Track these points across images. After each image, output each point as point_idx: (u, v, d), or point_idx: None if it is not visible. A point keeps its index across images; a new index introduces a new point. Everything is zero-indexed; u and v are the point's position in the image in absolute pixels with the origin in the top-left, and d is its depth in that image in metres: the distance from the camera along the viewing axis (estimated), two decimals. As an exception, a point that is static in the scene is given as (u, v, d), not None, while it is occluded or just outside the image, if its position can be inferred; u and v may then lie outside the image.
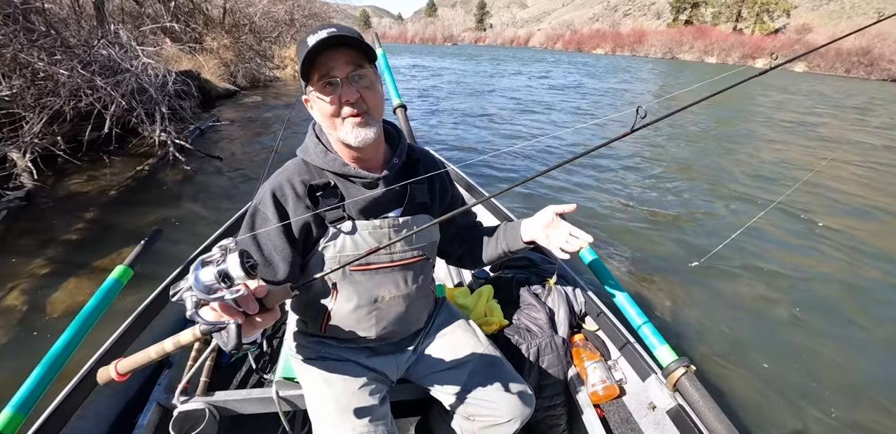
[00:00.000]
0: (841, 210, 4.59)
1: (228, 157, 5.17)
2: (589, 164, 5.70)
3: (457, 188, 1.16)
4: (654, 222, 4.06)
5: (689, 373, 1.03)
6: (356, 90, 0.83)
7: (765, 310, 2.82)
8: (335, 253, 0.93)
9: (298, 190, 0.91)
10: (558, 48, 71.82)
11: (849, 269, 3.41)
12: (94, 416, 1.10)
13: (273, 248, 0.90)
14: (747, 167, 5.99)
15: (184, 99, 5.73)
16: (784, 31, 54.83)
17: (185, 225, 3.43)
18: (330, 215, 0.91)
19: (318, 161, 0.92)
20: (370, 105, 0.85)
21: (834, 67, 37.11)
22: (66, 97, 4.28)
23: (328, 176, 0.93)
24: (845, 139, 8.47)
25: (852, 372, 2.32)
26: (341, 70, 0.81)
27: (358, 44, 0.80)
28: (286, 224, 0.90)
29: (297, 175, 0.92)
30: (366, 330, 1.01)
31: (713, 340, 2.48)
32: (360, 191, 0.94)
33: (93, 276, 2.64)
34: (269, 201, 0.90)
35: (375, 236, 0.94)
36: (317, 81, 0.82)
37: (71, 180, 4.14)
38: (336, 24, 0.83)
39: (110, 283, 1.26)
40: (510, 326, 1.37)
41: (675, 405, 1.06)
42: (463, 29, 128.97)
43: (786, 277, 3.22)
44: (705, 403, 0.98)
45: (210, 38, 10.08)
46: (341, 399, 0.97)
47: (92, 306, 1.18)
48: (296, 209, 0.90)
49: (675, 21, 71.29)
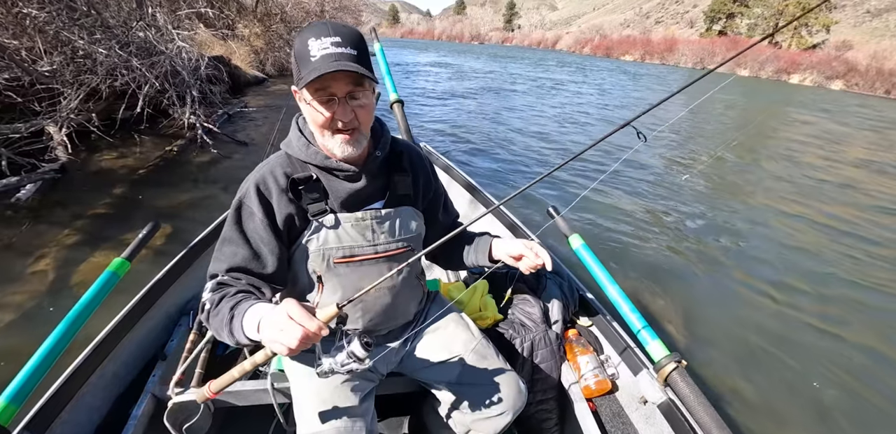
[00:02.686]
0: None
1: (253, 142, 5.30)
2: (587, 167, 5.75)
3: (441, 184, 1.16)
4: (648, 221, 4.13)
5: (680, 368, 1.06)
6: (351, 110, 0.84)
7: (756, 306, 2.90)
8: (319, 246, 0.94)
9: (281, 183, 0.91)
10: (586, 52, 70.97)
11: (853, 267, 3.52)
12: (87, 408, 1.10)
13: (260, 240, 0.91)
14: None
15: (214, 84, 5.88)
16: (822, 47, 53.32)
17: (203, 206, 3.53)
18: (312, 209, 0.92)
19: (300, 154, 0.93)
20: (361, 121, 0.87)
21: (874, 87, 35.94)
22: (102, 75, 4.45)
23: (311, 169, 0.94)
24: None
25: (842, 365, 2.39)
26: (340, 89, 0.81)
27: (359, 62, 0.79)
28: (271, 217, 0.91)
29: (280, 168, 0.93)
30: (352, 322, 1.02)
31: (705, 336, 2.54)
32: (342, 184, 0.94)
33: (117, 248, 2.76)
34: (253, 195, 0.90)
35: (358, 229, 0.95)
36: (314, 90, 0.81)
37: (102, 156, 4.31)
38: (339, 28, 0.81)
39: (107, 276, 1.25)
40: (504, 321, 1.38)
41: (666, 399, 1.09)
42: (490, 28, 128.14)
43: (778, 274, 3.32)
44: (696, 398, 1.00)
45: (242, 26, 10.28)
46: (322, 393, 0.97)
47: (88, 299, 1.17)
48: (279, 202, 0.91)
49: (708, 31, 69.84)
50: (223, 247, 0.92)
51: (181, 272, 1.50)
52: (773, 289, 3.11)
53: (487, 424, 1.05)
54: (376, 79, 0.84)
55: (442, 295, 1.31)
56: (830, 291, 3.16)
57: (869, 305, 3.03)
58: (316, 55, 0.78)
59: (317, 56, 0.78)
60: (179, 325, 1.44)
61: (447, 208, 1.19)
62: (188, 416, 1.11)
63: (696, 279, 3.17)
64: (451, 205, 1.21)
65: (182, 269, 1.50)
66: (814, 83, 39.86)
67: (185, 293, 1.54)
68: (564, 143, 7.14)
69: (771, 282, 3.20)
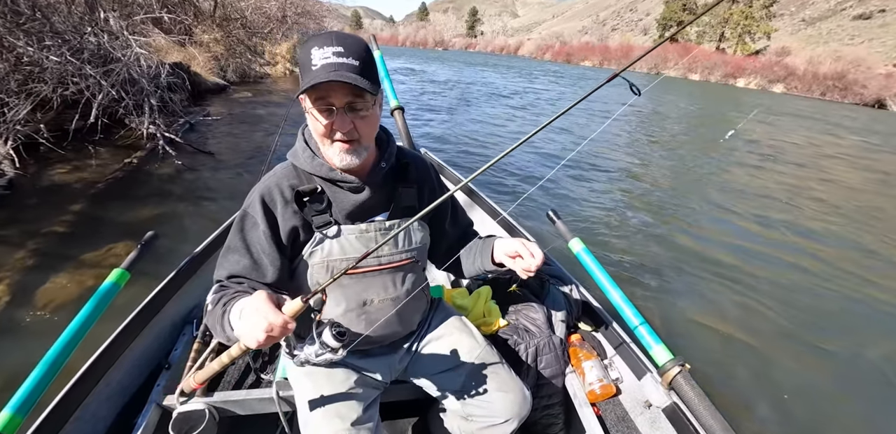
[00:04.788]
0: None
1: (219, 152, 5.10)
2: (581, 164, 5.87)
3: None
4: (650, 223, 4.21)
5: (684, 371, 1.07)
6: (350, 121, 0.83)
7: (760, 310, 2.92)
8: (323, 258, 0.94)
9: (286, 195, 0.92)
10: (547, 58, 72.81)
11: (859, 281, 3.53)
12: (92, 418, 1.10)
13: (262, 251, 0.92)
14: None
15: (174, 91, 5.64)
16: (765, 53, 56.81)
17: (175, 220, 3.37)
18: (317, 220, 0.92)
19: (306, 165, 0.93)
20: (362, 133, 0.86)
21: (811, 90, 38.57)
22: (53, 84, 4.17)
23: (315, 180, 0.94)
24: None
25: (848, 369, 2.42)
26: (339, 100, 0.81)
27: (361, 73, 0.79)
28: (274, 229, 0.91)
29: (286, 180, 0.93)
30: (357, 333, 1.01)
31: (709, 339, 2.55)
32: (346, 195, 0.95)
33: (80, 268, 2.58)
34: (258, 206, 0.91)
35: (362, 240, 0.95)
36: (314, 100, 0.81)
37: (55, 170, 4.02)
38: (343, 38, 0.80)
39: (108, 287, 1.26)
40: (508, 327, 1.38)
41: (671, 403, 1.09)
42: (454, 34, 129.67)
43: (783, 277, 3.36)
44: (700, 401, 1.01)
45: (200, 31, 9.94)
46: (327, 401, 0.97)
47: (89, 309, 1.18)
48: (284, 214, 0.91)
49: (660, 37, 73.15)
50: (227, 254, 0.93)
51: (184, 281, 1.51)
52: (779, 292, 3.11)
53: (493, 431, 1.05)
54: (375, 91, 0.81)
55: (445, 302, 1.30)
56: (842, 292, 3.14)
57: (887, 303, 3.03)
58: (317, 64, 0.77)
59: (318, 65, 0.77)
60: (183, 334, 1.45)
61: (456, 219, 1.17)
62: (193, 426, 1.11)
63: (700, 282, 3.17)
64: (461, 215, 1.20)
65: (185, 278, 1.52)
66: (758, 86, 42.41)
67: (189, 302, 1.55)
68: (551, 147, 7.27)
69: (779, 286, 3.20)
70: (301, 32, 14.25)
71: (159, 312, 1.38)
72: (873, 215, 5.28)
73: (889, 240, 4.47)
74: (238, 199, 3.72)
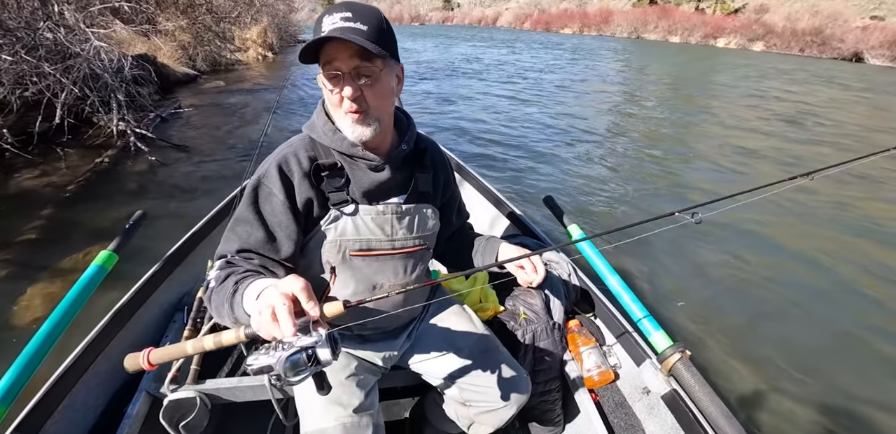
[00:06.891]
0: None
1: (194, 145, 4.94)
2: (579, 153, 5.79)
3: (457, 186, 1.15)
4: (648, 209, 4.11)
5: (684, 358, 1.05)
6: (357, 88, 0.78)
7: (763, 296, 2.84)
8: (336, 236, 0.90)
9: (304, 165, 0.88)
10: (526, 28, 71.14)
11: (860, 268, 3.33)
12: (81, 407, 1.08)
13: (277, 224, 0.87)
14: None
15: (142, 85, 5.42)
16: (743, 11, 56.03)
17: (153, 218, 3.27)
18: (334, 198, 0.89)
19: (325, 139, 0.89)
20: (371, 103, 0.81)
21: (790, 46, 38.27)
22: (10, 85, 3.96)
23: (334, 155, 0.90)
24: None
25: (849, 356, 2.37)
26: (345, 63, 0.77)
27: (369, 38, 0.75)
28: (291, 198, 0.86)
29: (304, 151, 0.89)
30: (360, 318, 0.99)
31: (709, 325, 2.51)
32: (366, 173, 0.91)
33: (54, 276, 2.50)
34: (274, 175, 0.86)
35: (378, 222, 0.93)
36: (323, 65, 0.78)
37: (22, 175, 3.86)
38: (355, 6, 0.76)
39: (94, 270, 1.21)
40: (506, 312, 1.37)
41: (670, 390, 1.08)
42: (430, 8, 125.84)
43: (787, 262, 3.24)
44: (700, 388, 0.99)
45: (164, 19, 9.46)
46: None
47: (75, 294, 1.13)
48: (301, 185, 0.87)
49: (640, 1, 71.71)
50: (236, 227, 0.87)
51: (175, 267, 1.47)
52: (782, 278, 3.02)
53: (491, 417, 1.05)
54: (384, 55, 0.77)
55: (443, 286, 1.29)
56: (845, 281, 3.03)
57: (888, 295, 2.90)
58: (325, 30, 0.75)
59: (325, 31, 0.74)
60: (174, 322, 1.42)
61: (460, 211, 1.18)
62: (184, 414, 1.09)
63: (700, 267, 3.08)
64: (463, 207, 1.20)
65: (176, 264, 1.48)
66: (738, 46, 42.00)
67: (180, 288, 1.52)
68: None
69: (782, 272, 3.09)
70: (271, 15, 13.68)
71: (149, 299, 1.35)
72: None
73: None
74: (217, 192, 3.57)
